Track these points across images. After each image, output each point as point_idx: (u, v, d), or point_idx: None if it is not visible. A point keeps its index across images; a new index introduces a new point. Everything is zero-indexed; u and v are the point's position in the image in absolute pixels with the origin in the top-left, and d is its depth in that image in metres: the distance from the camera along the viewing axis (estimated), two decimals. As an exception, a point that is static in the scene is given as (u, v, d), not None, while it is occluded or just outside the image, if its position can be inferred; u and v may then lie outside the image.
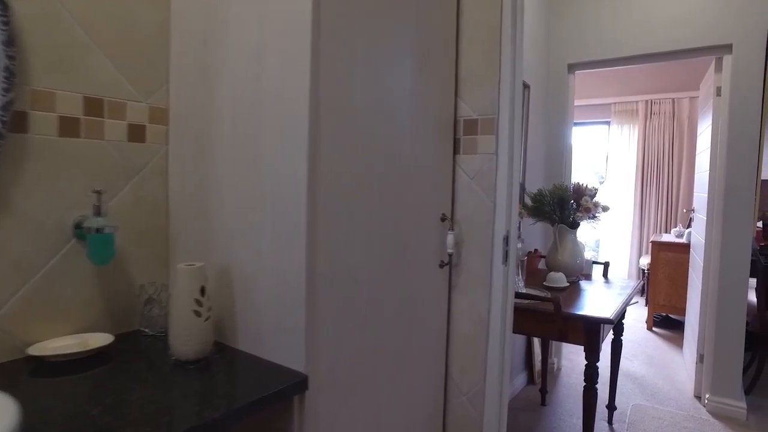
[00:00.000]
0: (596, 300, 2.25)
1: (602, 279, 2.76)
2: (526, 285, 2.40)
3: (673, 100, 5.86)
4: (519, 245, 2.23)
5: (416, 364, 1.44)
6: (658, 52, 3.09)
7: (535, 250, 3.10)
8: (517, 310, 2.10)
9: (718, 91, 2.99)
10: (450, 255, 1.47)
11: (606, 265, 2.86)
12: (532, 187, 3.00)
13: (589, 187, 2.59)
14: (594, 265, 3.05)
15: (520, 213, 2.72)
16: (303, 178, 1.06)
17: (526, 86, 2.86)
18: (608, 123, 6.36)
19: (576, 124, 6.96)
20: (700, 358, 3.15)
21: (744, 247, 2.88)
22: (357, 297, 1.20)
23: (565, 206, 2.58)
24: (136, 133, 1.37)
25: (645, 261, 5.35)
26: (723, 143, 2.90)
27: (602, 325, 1.97)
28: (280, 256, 1.12)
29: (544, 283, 2.47)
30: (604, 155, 6.54)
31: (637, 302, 5.55)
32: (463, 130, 1.51)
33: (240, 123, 1.22)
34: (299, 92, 1.06)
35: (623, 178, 6.19)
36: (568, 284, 2.45)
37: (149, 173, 1.40)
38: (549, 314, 2.02)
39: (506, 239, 1.46)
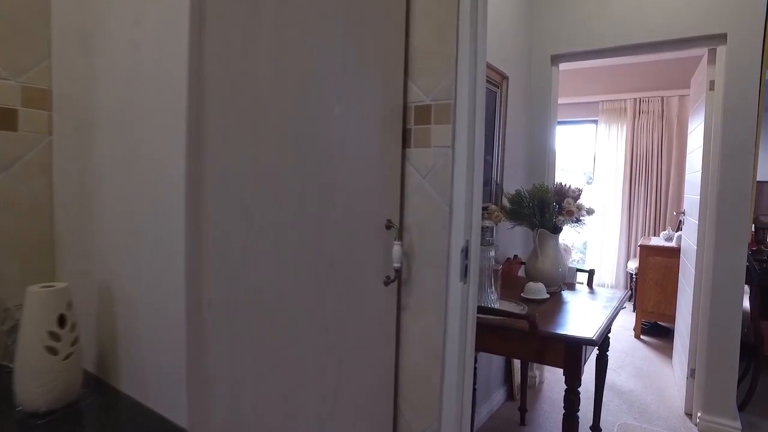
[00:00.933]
0: (578, 315, 2.01)
1: (587, 289, 2.52)
2: (502, 297, 2.15)
3: (662, 98, 5.66)
4: (491, 253, 1.98)
5: (355, 405, 1.18)
6: (647, 43, 2.86)
7: (515, 256, 2.85)
8: (489, 328, 1.85)
9: (711, 85, 2.77)
10: (397, 270, 1.22)
11: (591, 273, 2.63)
12: (512, 188, 2.75)
13: (572, 187, 2.35)
14: (578, 273, 2.82)
15: (496, 216, 2.47)
16: (180, 173, 0.80)
17: (504, 77, 2.62)
18: (596, 122, 6.15)
19: (563, 122, 6.76)
20: (691, 373, 2.93)
21: (739, 254, 2.66)
22: (265, 329, 0.94)
23: (545, 209, 2.33)
24: (3, 120, 1.10)
25: (633, 265, 5.14)
26: (717, 141, 2.67)
27: (584, 346, 1.73)
28: (158, 274, 0.86)
29: (522, 294, 2.22)
30: (591, 155, 6.33)
31: (624, 308, 5.33)
32: (414, 118, 1.26)
33: (120, 104, 0.95)
34: (176, 63, 0.80)
35: (611, 179, 5.98)
36: (548, 296, 2.21)
37: (23, 170, 1.13)
38: (525, 333, 1.77)
39: (466, 251, 1.21)
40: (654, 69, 5.70)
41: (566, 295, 2.36)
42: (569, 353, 1.72)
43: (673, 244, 4.23)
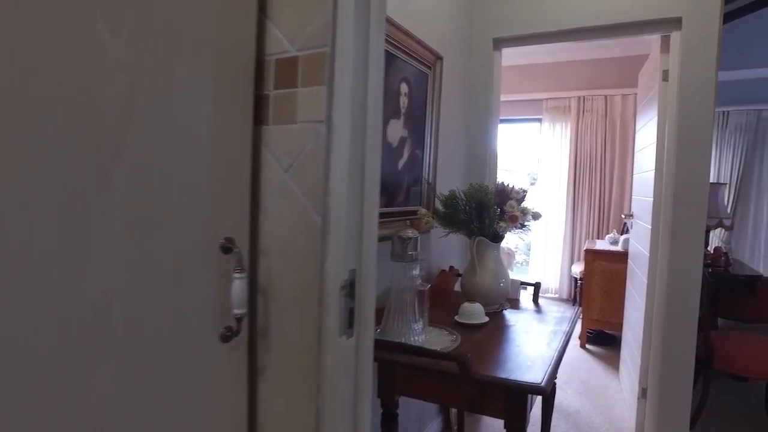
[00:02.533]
0: (524, 346, 1.63)
1: (532, 306, 2.16)
2: (433, 322, 1.74)
3: (606, 97, 5.49)
4: (415, 272, 1.56)
5: None
6: (597, 26, 2.54)
7: (451, 267, 2.46)
8: (413, 367, 1.43)
9: (665, 75, 2.48)
10: (239, 317, 0.76)
11: (536, 287, 2.27)
12: (447, 189, 2.35)
13: (516, 188, 1.97)
14: (525, 286, 2.47)
15: (426, 221, 2.06)
16: None
17: (438, 57, 2.21)
18: (540, 120, 5.92)
19: (507, 120, 6.50)
20: (643, 393, 2.65)
21: (695, 263, 2.39)
22: None
23: (485, 213, 1.95)
24: None
25: (577, 269, 4.91)
26: (672, 137, 2.39)
27: (530, 395, 1.34)
28: None
29: (457, 317, 1.82)
30: (535, 155, 6.11)
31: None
32: (274, 78, 0.81)
33: None
34: None
35: (555, 180, 5.77)
36: (486, 319, 1.82)
37: None
38: (457, 375, 1.36)
39: (350, 286, 0.77)
40: (598, 67, 5.53)
41: (509, 316, 1.98)
42: (512, 403, 1.32)
43: (618, 248, 4.00)
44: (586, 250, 4.12)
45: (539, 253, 5.90)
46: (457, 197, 1.98)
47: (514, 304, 2.15)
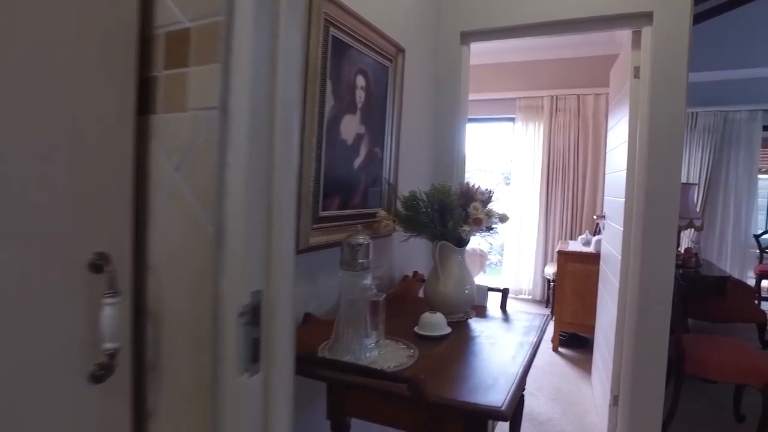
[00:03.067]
0: (487, 361, 1.50)
1: (500, 313, 2.04)
2: (391, 334, 1.61)
3: (578, 96, 5.45)
4: (367, 281, 1.42)
5: None
6: (567, 20, 2.44)
7: (415, 273, 2.33)
8: (360, 388, 1.29)
9: (636, 72, 2.39)
10: (112, 354, 0.61)
11: (504, 293, 2.15)
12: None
13: (481, 189, 1.85)
14: (496, 293, 2.35)
15: (386, 224, 1.93)
16: None
17: (399, 49, 2.08)
18: (513, 120, 5.85)
19: (480, 120, 6.42)
20: (614, 401, 2.56)
21: (667, 264, 2.31)
22: None
23: (447, 215, 1.82)
24: None
25: (550, 270, 4.85)
26: (644, 136, 2.30)
27: (490, 421, 1.21)
28: None
29: (416, 329, 1.69)
30: (509, 155, 6.04)
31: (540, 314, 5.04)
32: (164, 55, 0.66)
33: None
34: None
35: (528, 179, 5.71)
36: (448, 330, 1.69)
37: None
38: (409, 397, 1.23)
39: (253, 312, 0.62)
40: (570, 66, 5.49)
41: (474, 325, 1.85)
42: (470, 429, 1.19)
43: (591, 249, 3.93)
44: (559, 252, 4.04)
45: (512, 254, 5.83)
46: (419, 198, 1.85)
47: (481, 311, 2.03)
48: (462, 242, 1.87)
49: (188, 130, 0.63)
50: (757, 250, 6.17)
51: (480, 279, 5.88)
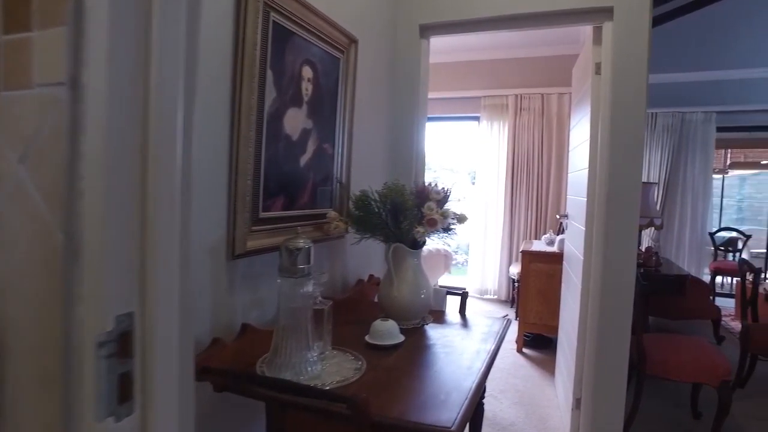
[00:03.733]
0: (441, 371, 1.40)
1: (458, 318, 1.95)
2: (339, 343, 1.49)
3: (543, 95, 5.45)
4: (307, 288, 1.30)
5: None
6: (527, 14, 2.37)
7: (371, 276, 2.22)
8: (300, 406, 1.17)
9: (598, 68, 2.34)
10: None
11: (463, 296, 2.06)
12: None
13: (437, 188, 1.75)
14: (460, 296, 2.26)
15: (336, 226, 1.81)
16: None
17: (352, 40, 1.96)
18: (478, 119, 5.81)
19: (445, 118, 6.37)
20: (577, 404, 2.51)
21: (629, 265, 2.27)
22: None
23: (401, 216, 1.71)
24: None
25: (515, 270, 4.82)
26: (605, 133, 2.25)
27: None
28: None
29: (367, 338, 1.57)
30: (474, 154, 5.99)
31: (507, 315, 5.02)
32: (2, 15, 0.52)
33: None
34: None
35: (493, 179, 5.68)
36: (401, 339, 1.58)
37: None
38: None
39: (120, 341, 0.49)
40: (534, 65, 5.49)
41: (431, 332, 1.75)
42: (416, 451, 1.09)
43: (554, 248, 3.90)
44: (522, 252, 4.00)
45: (477, 254, 5.79)
46: (370, 198, 1.73)
47: (439, 317, 1.93)
48: (417, 244, 1.77)
49: (34, 112, 0.50)
50: (712, 248, 6.33)
51: (445, 279, 5.83)
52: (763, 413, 3.01)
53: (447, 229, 1.88)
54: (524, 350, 3.97)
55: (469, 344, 1.62)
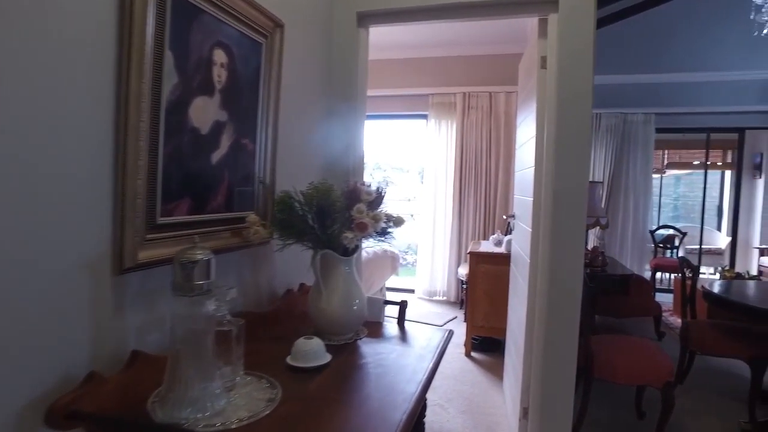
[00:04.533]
0: (367, 401, 1.22)
1: (396, 330, 1.79)
2: (258, 367, 1.29)
3: (490, 94, 5.39)
4: (210, 308, 1.10)
5: None
6: (470, 3, 2.24)
7: (302, 285, 2.02)
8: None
9: (543, 62, 2.24)
10: None
11: (402, 307, 1.90)
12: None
13: (368, 189, 1.57)
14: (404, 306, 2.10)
15: (256, 231, 1.60)
16: None
17: (277, 24, 1.75)
18: (426, 117, 5.70)
19: (392, 116, 6.23)
20: (524, 413, 2.41)
21: (576, 268, 2.17)
22: None
23: (329, 219, 1.53)
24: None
25: (463, 271, 4.73)
26: (552, 129, 2.15)
27: None
28: None
29: (289, 359, 1.38)
30: (422, 152, 5.88)
31: (456, 317, 4.93)
32: None
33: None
34: None
35: (441, 178, 5.58)
36: (328, 358, 1.40)
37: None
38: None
39: None
40: (483, 63, 5.43)
41: (364, 348, 1.58)
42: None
43: (502, 249, 3.83)
44: (470, 253, 3.90)
45: (426, 255, 5.69)
46: (292, 198, 1.54)
47: (376, 330, 1.76)
48: (348, 251, 1.59)
49: None
50: (652, 245, 6.51)
51: (393, 281, 5.69)
52: (703, 407, 3.03)
53: (383, 233, 1.71)
54: (473, 354, 3.87)
55: (405, 361, 1.45)
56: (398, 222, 1.69)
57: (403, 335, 1.73)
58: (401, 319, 1.85)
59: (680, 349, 3.19)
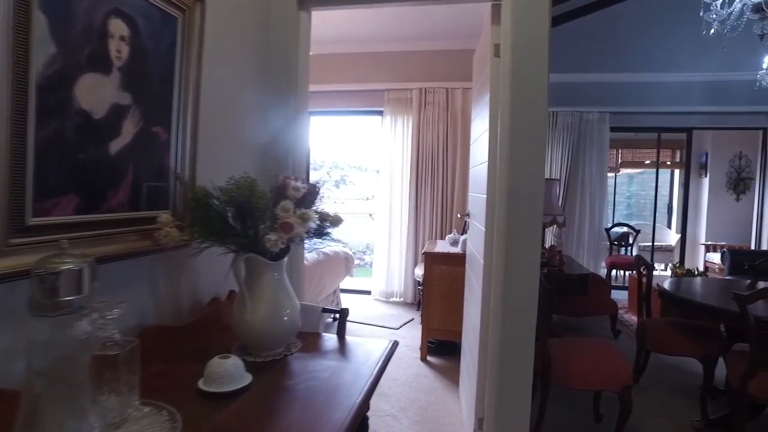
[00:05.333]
0: (290, 429, 1.03)
1: (335, 341, 1.60)
2: (157, 394, 1.08)
3: (447, 89, 5.28)
4: (81, 329, 0.88)
5: None
6: (419, -14, 2.08)
7: (232, 292, 1.80)
8: None
9: (497, 50, 2.11)
10: None
11: (342, 315, 1.71)
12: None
13: (295, 184, 1.38)
14: (337, 314, 1.91)
15: (167, 233, 1.38)
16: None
17: (195, -4, 1.53)
18: (381, 113, 5.54)
19: (346, 112, 6.04)
20: (479, 424, 2.27)
21: (532, 269, 2.05)
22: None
23: (250, 220, 1.33)
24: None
25: (420, 271, 4.58)
26: (506, 121, 2.01)
27: None
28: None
29: (201, 383, 1.17)
30: (378, 149, 5.70)
31: (413, 319, 4.78)
32: None
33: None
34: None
35: (398, 175, 5.43)
36: (248, 380, 1.20)
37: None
38: None
39: None
40: (439, 59, 5.31)
41: (295, 364, 1.39)
42: None
43: (458, 249, 3.70)
44: (425, 253, 3.76)
45: (382, 255, 5.52)
46: (207, 195, 1.33)
47: (312, 342, 1.57)
48: (277, 255, 1.39)
49: None
50: (608, 243, 6.58)
51: (347, 283, 5.50)
52: (657, 407, 2.99)
53: (320, 234, 1.52)
54: (429, 358, 3.72)
55: (339, 381, 1.27)
56: (335, 221, 1.51)
57: (341, 348, 1.54)
58: (341, 330, 1.66)
59: (636, 349, 3.14)
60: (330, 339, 1.61)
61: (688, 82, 5.77)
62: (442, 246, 4.00)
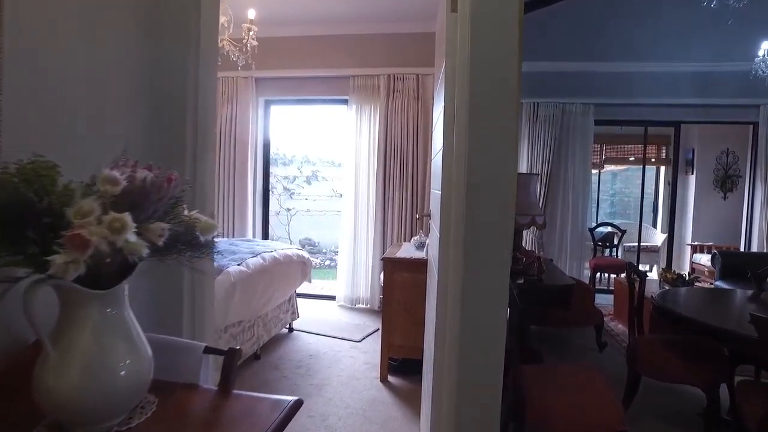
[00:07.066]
0: None
1: (215, 400, 1.11)
2: None
3: (418, 76, 4.82)
4: None
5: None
6: None
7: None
8: None
9: (454, 5, 1.63)
10: None
11: (230, 357, 1.22)
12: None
13: (111, 175, 0.88)
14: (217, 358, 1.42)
15: None
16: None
17: None
18: (347, 102, 5.05)
19: (308, 101, 5.52)
20: (437, 476, 1.80)
21: (498, 286, 1.58)
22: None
23: (31, 228, 0.83)
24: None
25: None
26: (464, 96, 1.54)
27: None
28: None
29: None
30: (343, 141, 5.21)
31: (378, 330, 4.31)
32: None
33: None
34: None
35: (364, 169, 4.95)
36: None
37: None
38: None
39: None
40: (408, 42, 4.84)
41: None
42: None
43: (423, 254, 3.24)
44: (384, 259, 3.28)
45: (347, 257, 5.03)
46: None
47: (179, 399, 1.08)
48: (114, 276, 0.90)
49: None
50: (592, 243, 6.19)
51: (310, 288, 5.02)
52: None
53: (191, 245, 1.04)
54: (389, 378, 3.26)
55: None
56: (206, 229, 1.02)
57: (215, 415, 1.06)
58: (226, 375, 1.17)
59: (627, 371, 2.70)
60: (208, 393, 1.13)
61: (676, 73, 5.41)
62: (407, 250, 3.53)
